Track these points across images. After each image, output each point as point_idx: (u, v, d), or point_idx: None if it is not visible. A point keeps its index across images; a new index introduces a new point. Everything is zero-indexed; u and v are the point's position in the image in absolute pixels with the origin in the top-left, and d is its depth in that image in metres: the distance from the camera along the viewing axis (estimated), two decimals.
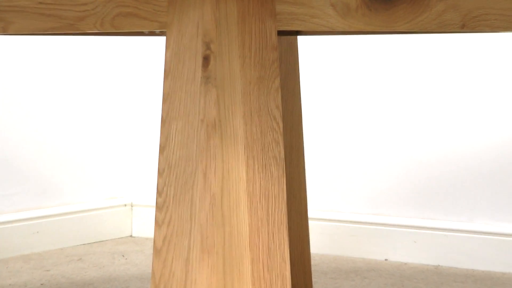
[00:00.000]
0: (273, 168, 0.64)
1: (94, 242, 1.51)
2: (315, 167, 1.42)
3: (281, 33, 0.94)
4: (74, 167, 1.49)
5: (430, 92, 1.27)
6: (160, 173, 0.64)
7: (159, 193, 0.63)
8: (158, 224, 0.62)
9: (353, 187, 1.34)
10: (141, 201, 1.57)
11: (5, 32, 0.69)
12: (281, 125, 0.65)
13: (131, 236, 1.56)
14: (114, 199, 1.56)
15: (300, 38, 1.35)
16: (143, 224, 1.56)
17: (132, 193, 1.57)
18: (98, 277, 1.24)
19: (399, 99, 1.29)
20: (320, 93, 1.40)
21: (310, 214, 1.38)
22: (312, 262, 1.33)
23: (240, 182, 0.62)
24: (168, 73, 0.65)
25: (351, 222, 1.37)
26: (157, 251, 0.61)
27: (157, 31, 0.83)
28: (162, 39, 1.51)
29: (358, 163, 1.34)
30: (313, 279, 1.24)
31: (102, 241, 1.52)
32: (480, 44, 1.26)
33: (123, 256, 1.42)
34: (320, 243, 1.38)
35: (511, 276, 1.20)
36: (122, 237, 1.55)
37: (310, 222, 1.39)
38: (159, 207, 0.62)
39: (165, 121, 0.65)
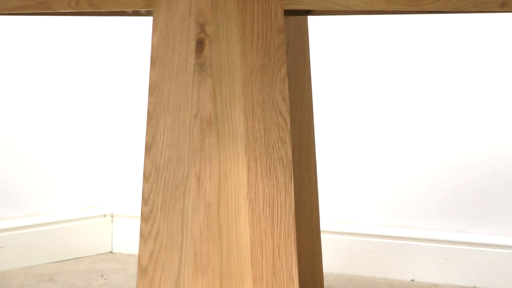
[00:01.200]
0: (278, 171, 0.64)
1: (68, 260, 1.51)
2: (329, 171, 1.42)
3: (288, 12, 0.95)
4: (44, 172, 1.48)
5: (463, 90, 1.27)
6: (146, 177, 0.64)
7: (145, 201, 0.63)
8: (143, 237, 0.62)
9: (374, 195, 1.34)
10: (123, 210, 1.57)
11: None
12: (288, 120, 0.66)
13: (111, 252, 1.56)
14: (91, 208, 1.56)
15: (310, 19, 1.35)
16: (125, 238, 1.56)
17: (112, 201, 1.57)
18: None
19: (428, 97, 1.28)
20: (335, 84, 1.40)
21: (322, 226, 1.38)
22: (326, 282, 1.33)
23: (240, 188, 0.63)
24: (155, 60, 0.65)
25: (371, 235, 1.37)
26: (142, 269, 0.61)
27: (143, 10, 0.83)
28: (148, 20, 1.51)
29: (380, 166, 1.34)
30: None
31: (78, 258, 1.52)
32: None
33: (102, 276, 1.42)
34: (334, 260, 1.38)
35: None
36: (100, 254, 1.55)
37: (322, 236, 1.39)
38: (145, 218, 0.63)
39: (152, 117, 0.65)
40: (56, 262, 1.51)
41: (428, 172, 1.32)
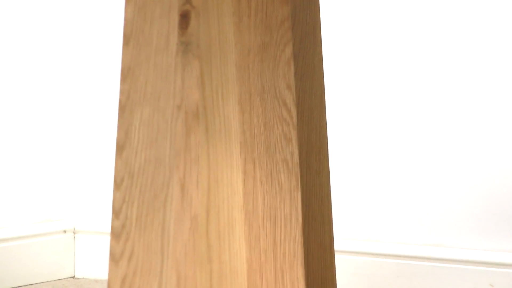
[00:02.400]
0: (282, 176, 0.64)
1: (20, 287, 1.51)
2: (345, 176, 1.42)
3: None
4: None
5: (503, 95, 1.28)
6: (118, 184, 0.65)
7: (115, 213, 0.64)
8: (114, 258, 0.63)
9: (400, 207, 1.34)
10: (87, 225, 1.56)
11: None
12: (294, 113, 0.66)
13: (73, 277, 1.56)
14: (48, 223, 1.55)
15: None
16: (91, 259, 1.56)
17: (74, 214, 1.57)
18: None
19: (463, 99, 1.29)
20: (353, 69, 1.41)
21: (337, 245, 1.38)
22: None
23: (234, 197, 0.63)
24: (129, 38, 0.66)
25: (397, 256, 1.37)
26: None
27: None
28: None
29: (407, 172, 1.34)
30: None
31: (32, 284, 1.51)
32: None
33: None
34: (351, 287, 1.38)
35: None
36: (60, 279, 1.55)
37: (337, 257, 1.39)
38: (116, 234, 0.63)
39: (125, 108, 0.66)
40: None
41: (467, 180, 1.32)
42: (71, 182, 1.57)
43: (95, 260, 1.56)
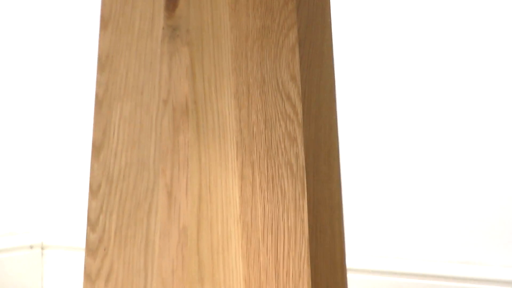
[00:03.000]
0: (286, 182, 0.64)
1: None
2: (360, 183, 1.41)
3: None
4: None
5: None
6: (94, 191, 0.65)
7: (91, 225, 0.64)
8: (90, 278, 0.63)
9: (423, 219, 1.34)
10: (58, 239, 1.55)
11: None
12: (300, 109, 0.67)
13: None
14: (12, 236, 1.54)
15: None
16: (61, 279, 1.55)
17: (43, 226, 1.56)
18: None
19: (500, 104, 1.29)
20: (368, 57, 1.40)
21: (349, 261, 1.38)
22: None
23: (229, 207, 0.63)
24: (107, 21, 0.66)
25: (421, 275, 1.36)
26: None
27: None
28: None
29: (432, 179, 1.34)
30: None
31: None
32: None
33: None
34: None
35: None
36: None
37: (350, 275, 1.39)
38: (91, 250, 0.64)
39: (102, 103, 0.66)
40: None
41: (496, 192, 1.32)
42: (38, 190, 1.57)
43: (66, 280, 1.56)
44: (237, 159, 0.64)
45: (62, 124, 1.62)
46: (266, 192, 0.64)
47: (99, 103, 0.65)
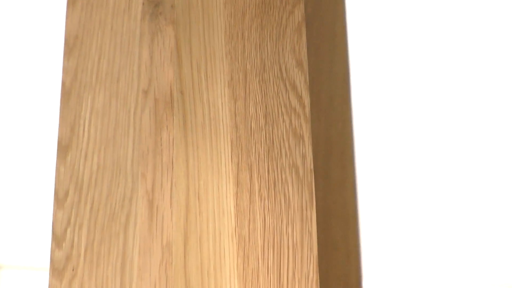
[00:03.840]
0: (290, 188, 0.64)
1: None
2: (380, 190, 1.41)
3: None
4: None
5: None
6: (60, 200, 0.65)
7: (57, 241, 0.64)
8: None
9: (461, 234, 1.33)
10: (16, 258, 1.55)
11: None
12: (307, 100, 0.67)
13: None
14: None
15: None
16: None
17: None
18: None
19: None
20: (386, 38, 1.40)
21: (367, 285, 1.37)
22: None
23: (223, 218, 0.63)
24: None
25: None
26: None
27: None
28: None
29: (475, 187, 1.33)
30: None
31: None
32: None
33: None
34: None
35: None
36: None
37: None
38: (57, 270, 0.64)
39: (70, 94, 0.66)
40: None
41: None
42: None
43: None
44: (232, 161, 0.65)
45: (20, 120, 1.61)
46: (266, 201, 0.64)
47: (66, 93, 0.65)
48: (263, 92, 0.66)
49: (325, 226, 0.80)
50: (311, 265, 0.64)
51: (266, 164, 0.65)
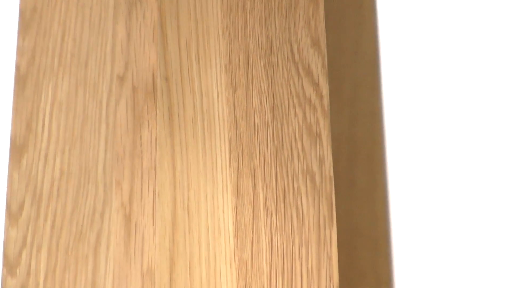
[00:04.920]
0: (304, 201, 0.64)
1: None
2: (418, 203, 1.40)
3: None
4: None
5: None
6: (13, 214, 0.65)
7: (9, 266, 0.64)
8: None
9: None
10: None
11: None
12: (326, 90, 0.67)
13: None
14: None
15: None
16: None
17: None
18: None
19: None
20: (428, 10, 1.39)
21: None
22: None
23: (219, 237, 0.63)
24: None
25: None
26: None
27: None
28: None
29: None
30: None
31: None
32: None
33: None
34: None
35: None
36: None
37: None
38: None
39: (26, 81, 0.66)
40: None
41: None
42: None
43: None
44: (230, 166, 0.65)
45: None
46: (274, 216, 0.64)
47: (21, 80, 0.66)
48: (269, 79, 0.66)
49: (349, 248, 0.80)
50: None
51: (273, 169, 0.65)
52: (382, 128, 0.77)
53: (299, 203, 0.65)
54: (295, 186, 0.65)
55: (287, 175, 0.65)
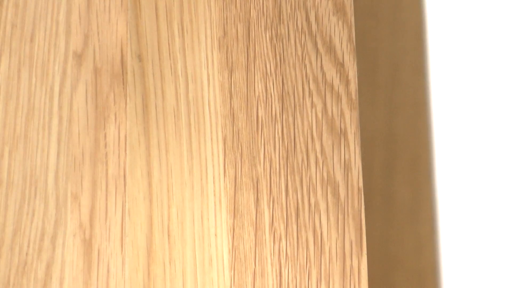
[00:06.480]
0: (324, 221, 0.65)
1: None
2: (477, 225, 1.41)
3: None
4: None
5: None
6: None
7: None
8: None
9: None
10: None
11: None
12: (353, 72, 0.67)
13: None
14: None
15: None
16: None
17: None
18: None
19: None
20: None
21: None
22: None
23: (211, 270, 0.64)
24: None
25: None
26: None
27: None
28: None
29: None
30: None
31: None
32: None
33: None
34: None
35: None
36: None
37: None
38: None
39: None
40: None
41: None
42: None
43: None
44: (225, 174, 0.66)
45: None
46: (284, 241, 0.65)
47: None
48: (278, 57, 0.67)
49: (385, 285, 0.79)
50: None
51: (282, 178, 0.66)
52: (429, 123, 0.77)
53: (317, 224, 0.66)
54: (312, 201, 0.66)
55: (301, 187, 0.66)
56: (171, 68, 0.65)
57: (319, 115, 0.67)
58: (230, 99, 0.66)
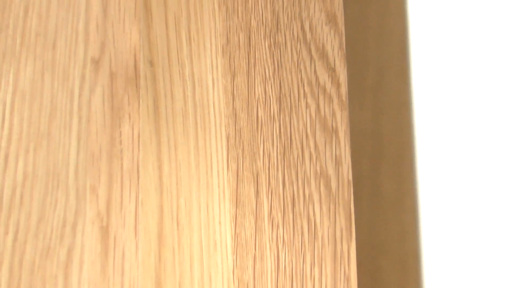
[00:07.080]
0: (318, 210, 0.68)
1: None
2: (458, 215, 1.41)
3: None
4: None
5: None
6: None
7: None
8: None
9: None
10: None
11: None
12: (343, 75, 0.69)
13: None
14: None
15: None
16: None
17: None
18: None
19: None
20: None
21: None
22: None
23: (214, 255, 0.66)
24: None
25: None
26: None
27: None
28: None
29: None
30: None
31: None
32: None
33: None
34: None
35: None
36: None
37: None
38: None
39: None
40: None
41: None
42: None
43: None
44: (228, 168, 0.68)
45: None
46: (281, 229, 0.68)
47: None
48: (276, 63, 0.69)
49: (371, 268, 0.78)
50: None
51: (280, 172, 0.68)
52: (412, 122, 0.77)
53: (311, 213, 0.68)
54: (307, 192, 0.69)
55: (297, 180, 0.69)
56: (179, 73, 0.67)
57: (313, 115, 0.69)
58: (233, 101, 0.69)
